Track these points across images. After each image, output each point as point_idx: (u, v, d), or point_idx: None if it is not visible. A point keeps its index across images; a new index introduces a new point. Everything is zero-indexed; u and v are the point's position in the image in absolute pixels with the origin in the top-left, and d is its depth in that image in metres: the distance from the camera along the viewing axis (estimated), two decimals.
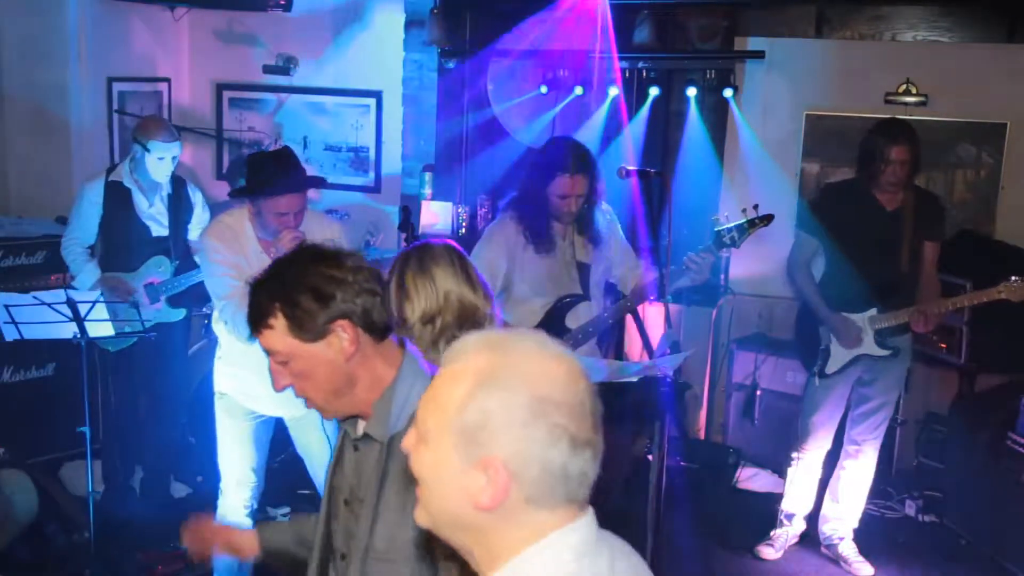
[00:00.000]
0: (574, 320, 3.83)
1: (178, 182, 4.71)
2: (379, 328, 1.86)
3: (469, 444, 1.23)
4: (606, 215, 3.93)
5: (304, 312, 1.79)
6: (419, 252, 2.41)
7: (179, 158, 4.63)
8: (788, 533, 4.52)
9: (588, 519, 1.30)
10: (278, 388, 1.87)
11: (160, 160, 4.50)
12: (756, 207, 3.77)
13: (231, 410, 3.63)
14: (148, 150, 4.47)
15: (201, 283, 4.65)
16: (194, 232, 4.72)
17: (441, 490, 1.26)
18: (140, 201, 4.61)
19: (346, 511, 1.94)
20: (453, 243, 2.52)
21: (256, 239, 3.52)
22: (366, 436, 1.89)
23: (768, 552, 4.49)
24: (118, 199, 4.59)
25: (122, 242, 4.63)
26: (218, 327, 3.68)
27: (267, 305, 1.81)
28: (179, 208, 4.68)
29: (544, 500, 1.25)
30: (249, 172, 3.56)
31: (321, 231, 3.49)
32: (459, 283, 2.35)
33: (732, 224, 3.77)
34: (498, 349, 1.27)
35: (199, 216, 4.75)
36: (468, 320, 2.29)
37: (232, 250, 3.47)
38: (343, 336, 1.80)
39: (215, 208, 5.00)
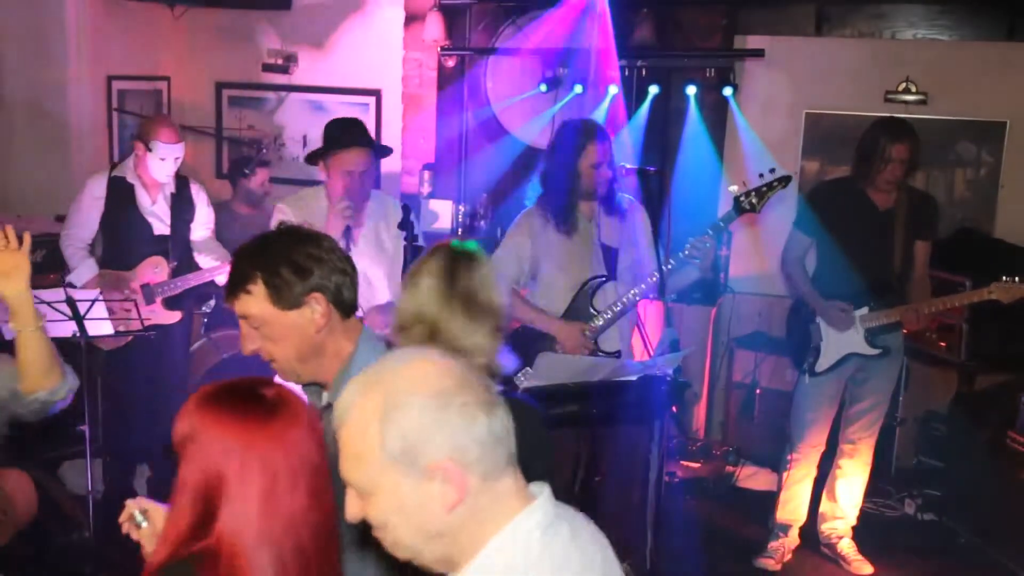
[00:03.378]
0: (601, 301, 3.88)
1: (181, 181, 4.67)
2: (347, 305, 2.05)
3: (410, 466, 1.30)
4: (636, 210, 3.96)
5: (283, 282, 1.97)
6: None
7: (182, 159, 4.59)
8: (785, 545, 4.49)
9: (544, 497, 1.38)
10: (247, 351, 2.04)
11: (162, 161, 4.47)
12: (773, 170, 3.80)
13: None
14: (151, 150, 4.45)
15: (199, 285, 4.64)
16: (196, 232, 4.70)
17: (408, 518, 1.32)
18: (143, 198, 4.58)
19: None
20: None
21: (327, 209, 3.63)
22: (328, 406, 2.02)
23: (768, 563, 4.45)
24: (121, 195, 4.55)
25: (122, 239, 4.59)
26: None
27: (249, 272, 1.99)
28: (182, 207, 4.63)
29: (495, 469, 1.33)
30: (324, 135, 3.71)
31: (384, 210, 3.75)
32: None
33: (751, 188, 3.79)
34: (373, 383, 1.34)
35: (202, 216, 4.71)
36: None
37: (299, 217, 3.51)
38: (316, 308, 1.98)
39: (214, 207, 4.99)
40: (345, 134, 3.65)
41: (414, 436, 1.30)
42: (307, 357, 2.02)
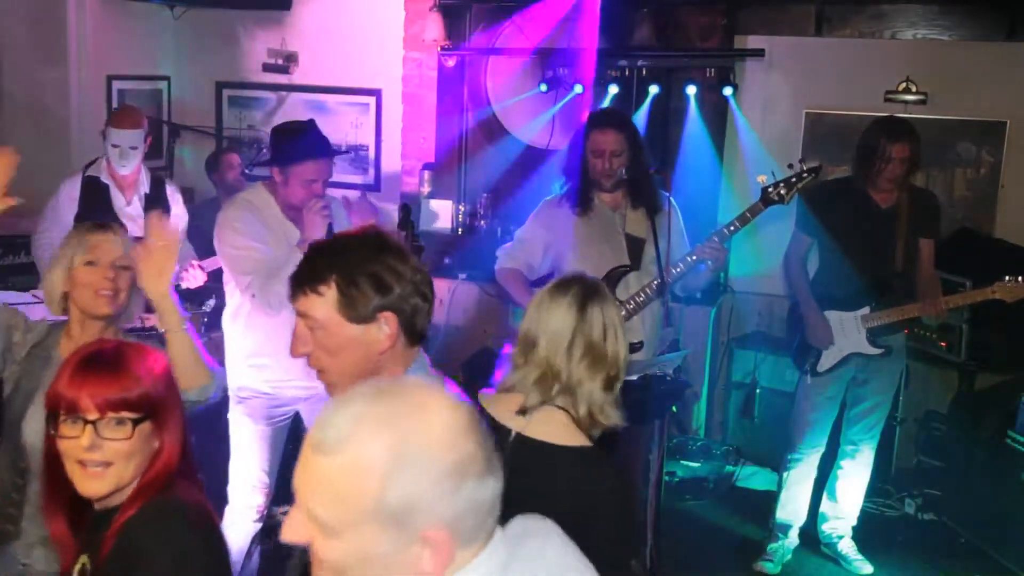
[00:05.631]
0: (624, 291, 3.81)
1: (156, 181, 4.59)
2: (417, 333, 1.89)
3: (401, 527, 1.16)
4: (668, 205, 3.89)
5: (360, 293, 1.82)
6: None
7: (142, 151, 4.43)
8: (784, 547, 4.49)
9: (494, 545, 1.26)
10: (296, 353, 1.88)
11: (115, 148, 4.34)
12: (802, 161, 3.78)
13: (254, 413, 3.61)
14: (105, 138, 4.36)
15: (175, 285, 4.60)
16: None
17: (371, 572, 1.19)
18: (118, 198, 4.47)
19: None
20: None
21: (280, 212, 3.55)
22: None
23: (768, 567, 4.45)
24: (96, 195, 4.43)
25: None
26: (236, 324, 3.66)
27: (324, 272, 1.83)
28: (156, 207, 4.51)
29: (475, 536, 1.23)
30: (275, 143, 3.62)
31: (339, 212, 3.65)
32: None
33: (779, 179, 3.77)
34: (383, 422, 1.18)
35: (177, 217, 4.65)
36: None
37: (254, 225, 3.48)
38: (384, 329, 1.83)
39: (201, 206, 4.97)
40: (308, 144, 3.55)
41: (419, 501, 1.16)
42: (361, 376, 1.81)
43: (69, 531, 1.88)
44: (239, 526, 3.56)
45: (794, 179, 3.79)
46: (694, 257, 3.77)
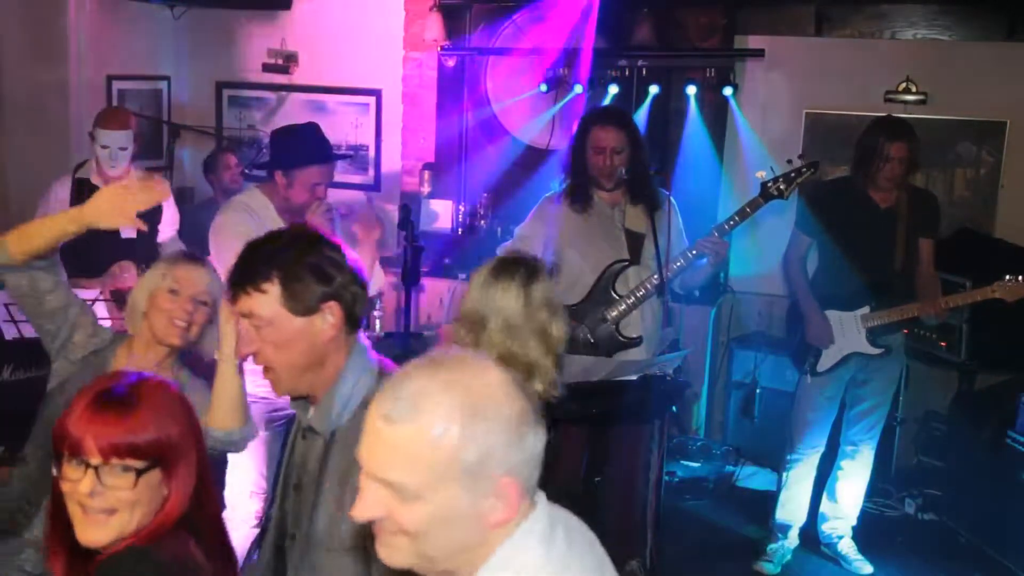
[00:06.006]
0: (624, 286, 3.83)
1: None
2: (356, 319, 1.95)
3: (478, 479, 1.24)
4: (668, 203, 3.89)
5: (303, 285, 1.87)
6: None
7: (131, 152, 4.37)
8: (784, 547, 4.49)
9: (542, 504, 1.35)
10: (242, 353, 1.96)
11: (104, 149, 4.30)
12: (801, 156, 3.78)
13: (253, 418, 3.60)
14: (94, 139, 4.32)
15: None
16: (163, 234, 4.63)
17: (449, 533, 1.26)
18: None
19: (295, 495, 2.00)
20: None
21: (277, 215, 3.53)
22: (310, 428, 1.96)
23: (768, 567, 4.44)
24: (86, 197, 4.38)
25: (89, 243, 4.49)
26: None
27: (265, 270, 1.88)
28: (148, 209, 4.54)
29: (534, 486, 1.32)
30: (278, 145, 3.59)
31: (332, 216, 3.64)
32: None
33: (779, 174, 3.78)
34: (454, 381, 1.27)
35: (168, 216, 4.61)
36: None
37: (250, 228, 3.42)
38: (329, 318, 1.89)
39: (197, 208, 4.96)
40: (314, 148, 3.55)
41: (493, 451, 1.24)
42: (309, 368, 1.91)
43: (66, 572, 1.74)
44: (238, 532, 3.55)
45: (793, 174, 3.82)
46: (694, 252, 3.78)
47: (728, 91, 5.52)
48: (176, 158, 5.86)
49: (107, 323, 4.03)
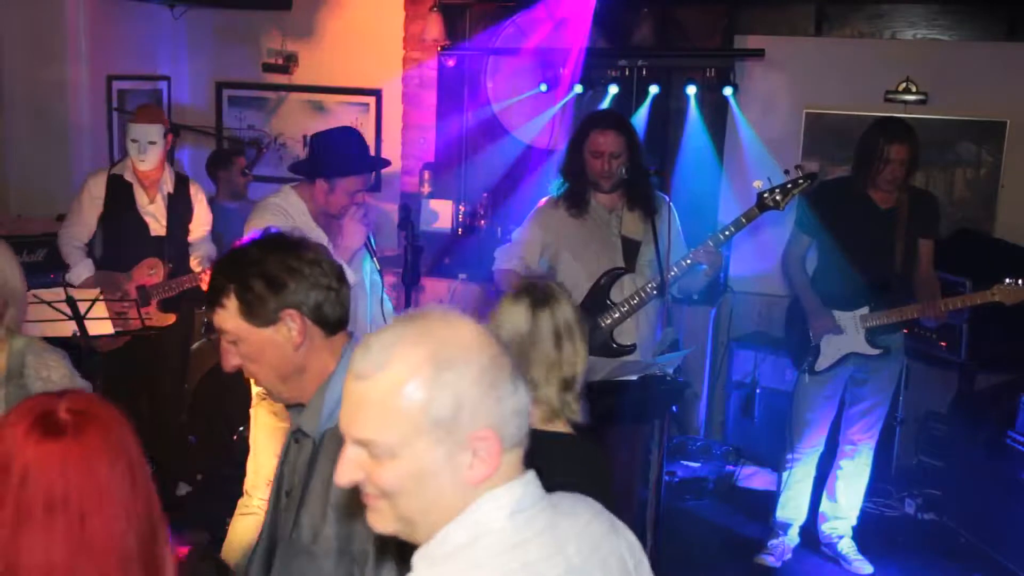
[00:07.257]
0: (618, 294, 3.83)
1: (181, 180, 4.65)
2: (331, 322, 1.89)
3: (450, 433, 1.20)
4: (667, 208, 3.88)
5: (256, 297, 1.83)
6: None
7: (161, 147, 4.48)
8: (785, 543, 4.49)
9: (527, 479, 1.29)
10: (228, 368, 1.92)
11: (134, 143, 4.41)
12: (798, 167, 3.79)
13: (278, 410, 3.60)
14: (126, 134, 4.44)
15: (195, 288, 4.61)
16: (194, 233, 4.68)
17: (426, 492, 1.22)
18: (141, 197, 4.55)
19: (286, 501, 1.98)
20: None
21: (312, 219, 3.51)
22: (298, 430, 1.94)
23: (769, 560, 4.45)
24: (120, 194, 4.53)
25: (120, 239, 4.57)
26: None
27: (222, 285, 1.86)
28: (179, 207, 4.61)
29: (518, 441, 1.27)
30: (323, 151, 3.56)
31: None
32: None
33: (775, 185, 3.78)
34: (421, 334, 1.24)
35: (201, 217, 4.68)
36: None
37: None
38: (291, 326, 1.84)
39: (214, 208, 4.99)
40: (360, 158, 3.56)
41: (465, 401, 1.20)
42: (288, 376, 1.89)
43: None
44: (253, 519, 3.54)
45: (790, 185, 3.81)
46: (689, 260, 3.80)
47: (728, 91, 5.52)
48: (176, 158, 5.87)
49: (107, 322, 4.06)
